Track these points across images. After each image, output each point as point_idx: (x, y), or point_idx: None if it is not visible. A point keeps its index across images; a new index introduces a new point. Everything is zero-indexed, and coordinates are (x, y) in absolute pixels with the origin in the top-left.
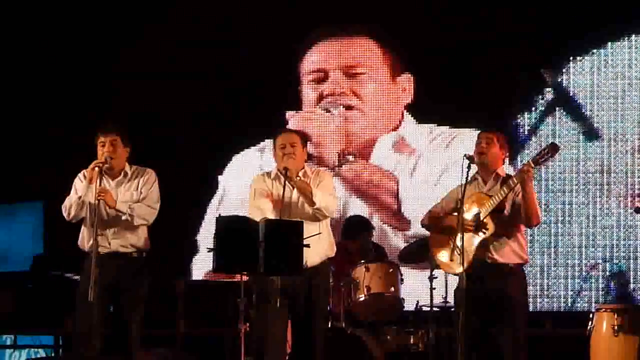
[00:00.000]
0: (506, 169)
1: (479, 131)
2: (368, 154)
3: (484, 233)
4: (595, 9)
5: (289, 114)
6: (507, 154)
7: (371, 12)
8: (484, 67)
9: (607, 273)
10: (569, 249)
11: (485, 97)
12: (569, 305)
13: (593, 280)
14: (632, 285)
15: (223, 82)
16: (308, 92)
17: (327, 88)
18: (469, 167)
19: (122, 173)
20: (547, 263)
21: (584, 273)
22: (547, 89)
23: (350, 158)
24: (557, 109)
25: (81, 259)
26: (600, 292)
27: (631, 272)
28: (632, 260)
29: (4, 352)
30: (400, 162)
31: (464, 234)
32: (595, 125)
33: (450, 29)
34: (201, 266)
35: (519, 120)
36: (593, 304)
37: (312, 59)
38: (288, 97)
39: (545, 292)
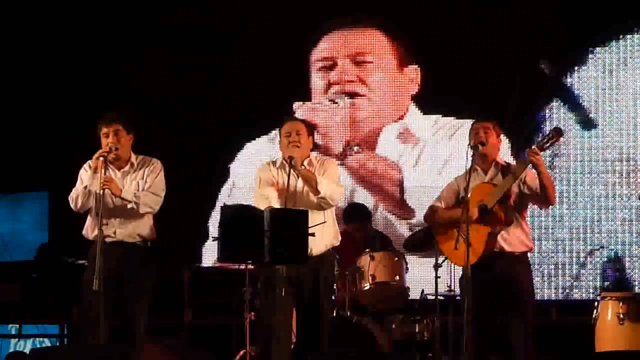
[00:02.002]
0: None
1: (473, 121)
2: (373, 143)
3: (496, 224)
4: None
5: (295, 104)
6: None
7: (381, 5)
8: (490, 59)
9: (604, 259)
10: (567, 236)
11: (491, 89)
12: (567, 290)
13: (590, 267)
14: (628, 271)
15: (235, 72)
16: (317, 80)
17: (335, 76)
18: (473, 156)
19: (129, 164)
20: (546, 250)
21: (581, 259)
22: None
23: (356, 148)
24: (554, 99)
25: (86, 248)
26: (598, 277)
27: (627, 259)
28: (627, 246)
29: (9, 342)
30: (404, 151)
31: (474, 226)
32: (592, 115)
33: (458, 21)
34: (213, 251)
35: (525, 111)
36: (590, 290)
37: (322, 48)
38: (298, 87)
39: (545, 280)
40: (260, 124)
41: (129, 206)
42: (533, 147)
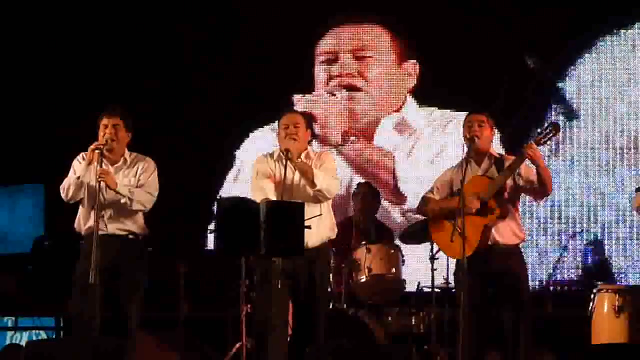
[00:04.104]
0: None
1: (467, 113)
2: (371, 134)
3: (490, 217)
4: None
5: (296, 97)
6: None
7: (384, 3)
8: (484, 55)
9: (585, 242)
10: (551, 221)
11: (485, 83)
12: (550, 272)
13: (571, 249)
14: (607, 254)
15: (243, 62)
16: (319, 73)
17: (336, 69)
18: (469, 149)
19: (122, 159)
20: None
21: (563, 242)
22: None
23: (353, 138)
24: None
25: (79, 241)
26: (578, 259)
27: (606, 242)
28: (607, 230)
29: (5, 334)
30: (400, 142)
31: (469, 219)
32: (575, 107)
33: (456, 19)
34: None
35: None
36: (572, 271)
37: (325, 42)
38: (302, 79)
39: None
40: (265, 114)
41: (122, 201)
42: (530, 141)
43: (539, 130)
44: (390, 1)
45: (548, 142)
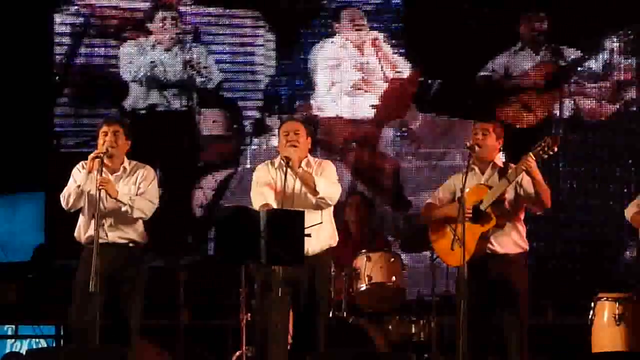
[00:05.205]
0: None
1: (474, 121)
2: (374, 140)
3: (486, 225)
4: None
5: (298, 102)
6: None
7: (386, 12)
8: (483, 64)
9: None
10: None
11: (484, 91)
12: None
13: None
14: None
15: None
16: (322, 79)
17: (339, 75)
18: (470, 156)
19: (122, 168)
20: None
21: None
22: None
23: (354, 144)
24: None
25: (79, 249)
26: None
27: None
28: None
29: (5, 342)
30: (402, 148)
31: (467, 227)
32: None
33: (459, 27)
34: None
35: None
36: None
37: (329, 48)
38: (305, 85)
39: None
40: (269, 119)
41: (123, 209)
42: (529, 153)
43: (538, 143)
44: (392, 8)
45: (546, 155)
